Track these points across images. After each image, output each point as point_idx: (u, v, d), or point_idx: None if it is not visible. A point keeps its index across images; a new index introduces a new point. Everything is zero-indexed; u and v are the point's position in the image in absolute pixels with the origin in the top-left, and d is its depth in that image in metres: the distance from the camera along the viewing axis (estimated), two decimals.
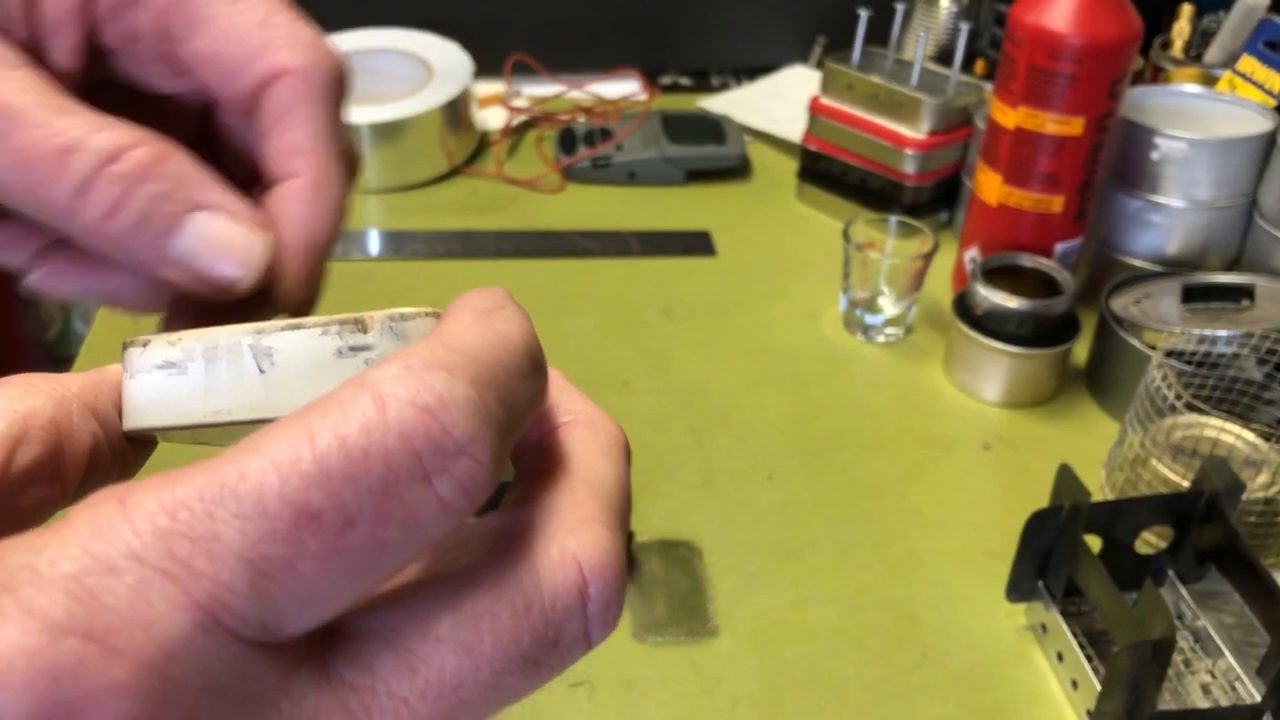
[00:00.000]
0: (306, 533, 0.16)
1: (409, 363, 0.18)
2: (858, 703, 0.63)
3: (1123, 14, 0.81)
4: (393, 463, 0.17)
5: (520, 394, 0.19)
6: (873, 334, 0.92)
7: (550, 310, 0.94)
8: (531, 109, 1.20)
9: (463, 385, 0.18)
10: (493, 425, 0.18)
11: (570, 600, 0.19)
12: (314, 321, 0.21)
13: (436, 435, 0.17)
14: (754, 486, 0.77)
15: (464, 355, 0.18)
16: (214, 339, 0.21)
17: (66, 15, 0.25)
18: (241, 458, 0.17)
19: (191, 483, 0.16)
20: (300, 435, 0.17)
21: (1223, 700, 0.63)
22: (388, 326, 0.21)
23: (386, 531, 0.17)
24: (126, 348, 0.22)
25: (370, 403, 0.17)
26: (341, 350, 0.21)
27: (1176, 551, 0.67)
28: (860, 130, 1.02)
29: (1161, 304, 0.83)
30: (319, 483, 0.17)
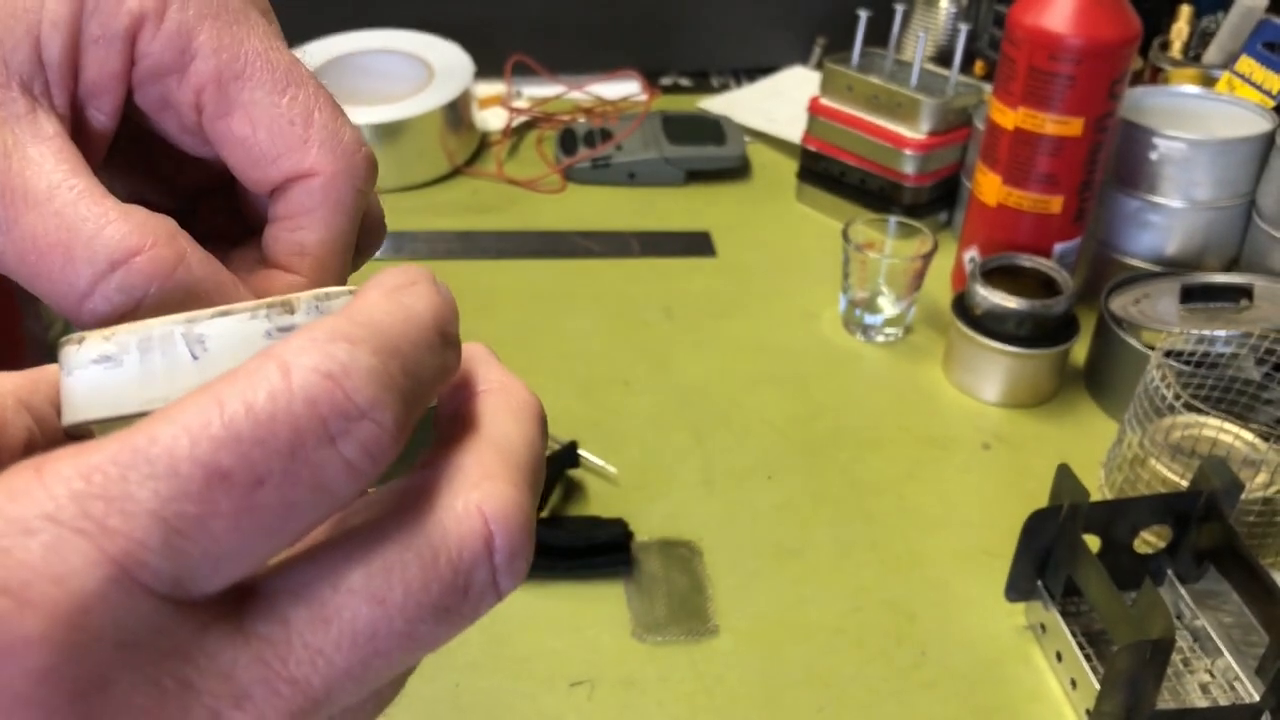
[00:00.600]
0: (218, 492, 0.17)
1: (314, 335, 0.19)
2: (857, 702, 0.63)
3: (1122, 15, 0.81)
4: (299, 426, 0.18)
5: (426, 365, 0.20)
6: (872, 334, 0.92)
7: (550, 310, 0.94)
8: (532, 110, 1.20)
9: (365, 354, 0.19)
10: (394, 392, 0.19)
11: (476, 550, 0.20)
12: (243, 306, 0.22)
13: (340, 400, 0.18)
14: (754, 486, 0.77)
15: (367, 328, 0.19)
16: (147, 330, 0.22)
17: (109, 81, 0.25)
18: (153, 425, 0.17)
19: (105, 449, 0.17)
20: (209, 402, 0.18)
21: (1221, 699, 0.63)
22: (313, 306, 0.22)
23: (295, 491, 0.18)
24: (62, 346, 0.22)
25: (276, 371, 0.18)
26: (270, 332, 0.22)
27: (1175, 551, 0.67)
28: (860, 131, 1.03)
29: (1160, 304, 0.83)
30: (228, 445, 0.17)
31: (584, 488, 0.76)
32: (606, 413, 0.83)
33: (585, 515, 0.72)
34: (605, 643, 0.66)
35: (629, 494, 0.76)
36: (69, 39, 0.24)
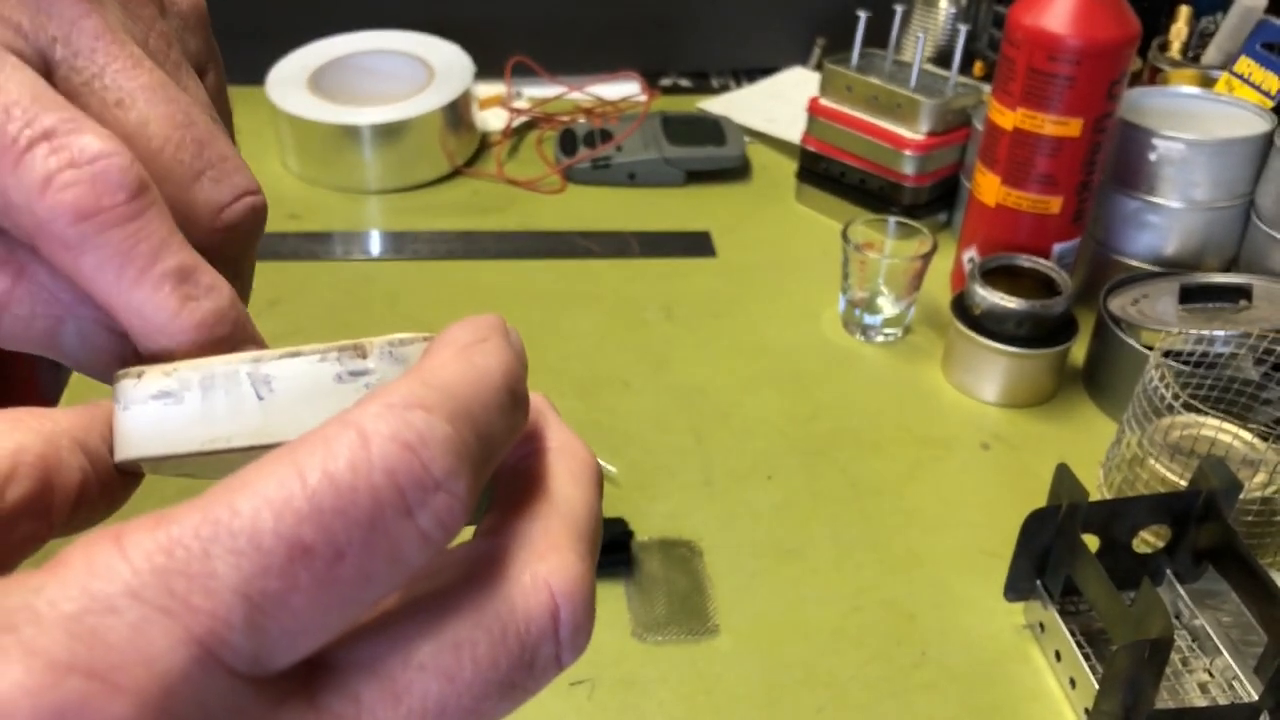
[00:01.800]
0: (299, 566, 0.17)
1: (390, 400, 0.18)
2: (857, 701, 0.64)
3: (1121, 15, 0.81)
4: (379, 498, 0.17)
5: (497, 427, 0.20)
6: (872, 334, 0.92)
7: (550, 310, 0.94)
8: (532, 110, 1.20)
9: (440, 422, 0.18)
10: (468, 460, 0.19)
11: (543, 624, 0.20)
12: (312, 348, 0.21)
13: (418, 471, 0.18)
14: (754, 486, 0.78)
15: (442, 391, 0.19)
16: (210, 368, 0.21)
17: None
18: (232, 495, 0.17)
19: (186, 520, 0.17)
20: (290, 472, 0.17)
21: (1220, 699, 0.63)
22: (386, 351, 0.21)
23: (373, 563, 0.18)
24: (119, 380, 0.22)
25: (355, 439, 0.18)
26: (341, 375, 0.21)
27: (1174, 551, 0.67)
28: (859, 131, 1.03)
29: (1159, 304, 0.83)
30: (311, 518, 0.17)
31: None
32: (606, 413, 0.83)
33: None
34: (605, 642, 0.66)
35: (629, 494, 0.76)
36: None
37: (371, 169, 1.08)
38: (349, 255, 1.00)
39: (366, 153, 1.07)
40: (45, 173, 0.22)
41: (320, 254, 1.00)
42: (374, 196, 1.09)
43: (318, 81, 1.11)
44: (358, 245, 1.01)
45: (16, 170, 0.22)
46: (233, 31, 1.44)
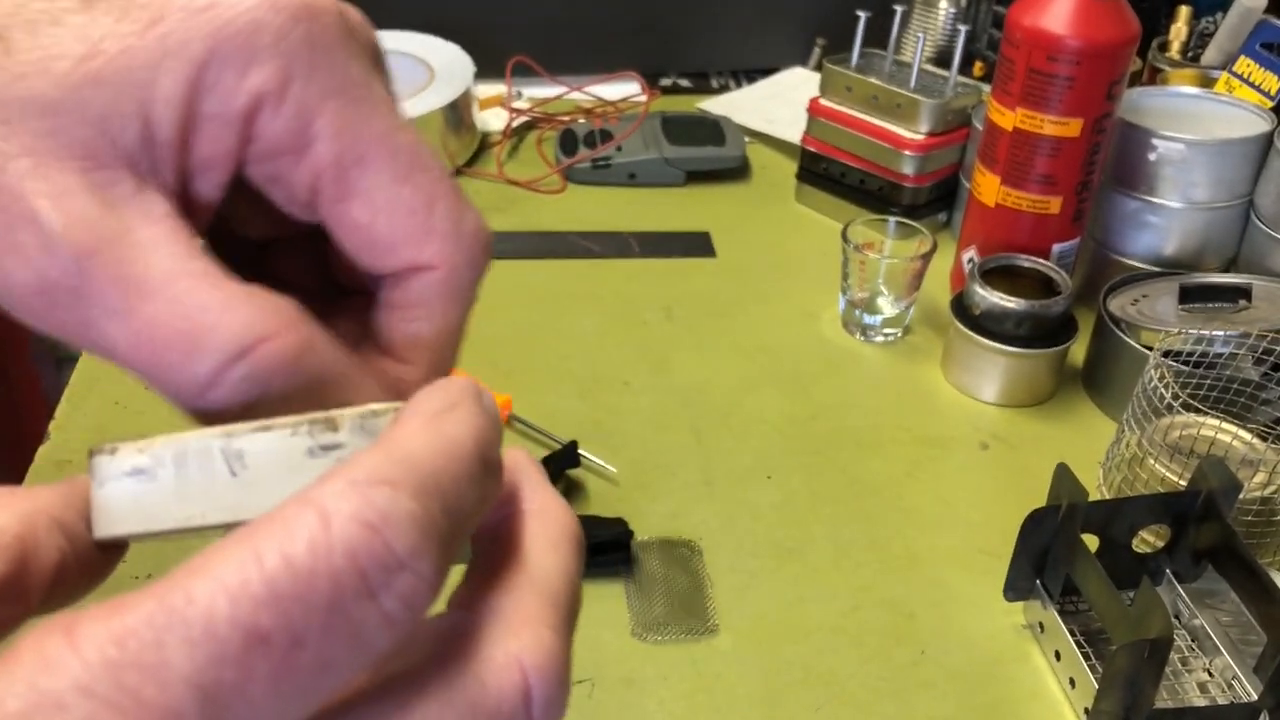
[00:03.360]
0: (256, 655, 0.16)
1: (353, 476, 0.18)
2: (856, 700, 0.64)
3: (1120, 16, 0.81)
4: (339, 581, 0.17)
5: (467, 499, 0.19)
6: (871, 334, 0.92)
7: (551, 310, 0.94)
8: (532, 110, 1.20)
9: (405, 499, 0.18)
10: (434, 538, 0.18)
11: (515, 703, 0.19)
12: (284, 421, 0.21)
13: (380, 552, 0.17)
14: (753, 486, 0.78)
15: (407, 465, 0.18)
16: (183, 444, 0.21)
17: (221, 158, 0.23)
18: (189, 580, 0.17)
19: (139, 609, 0.16)
20: (248, 555, 0.17)
21: (1220, 698, 0.63)
22: (358, 424, 0.21)
23: (333, 650, 0.17)
24: (93, 455, 0.21)
25: (315, 519, 0.17)
26: (313, 450, 0.21)
27: (1173, 550, 0.67)
28: (859, 131, 1.03)
29: (1159, 304, 0.84)
30: (268, 604, 0.16)
31: (584, 487, 0.76)
32: (606, 413, 0.83)
33: (585, 515, 0.72)
34: (605, 642, 0.66)
35: (629, 494, 0.76)
36: (182, 116, 0.22)
37: None
38: None
39: None
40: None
41: None
42: None
43: None
44: None
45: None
46: None
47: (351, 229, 0.24)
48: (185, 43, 0.22)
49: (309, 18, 0.23)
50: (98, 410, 0.81)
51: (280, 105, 0.22)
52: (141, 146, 0.22)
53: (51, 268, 0.21)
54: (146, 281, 0.21)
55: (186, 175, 0.23)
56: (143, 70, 0.22)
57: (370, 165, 0.23)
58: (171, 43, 0.22)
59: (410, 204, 0.24)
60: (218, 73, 0.22)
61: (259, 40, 0.22)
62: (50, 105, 0.21)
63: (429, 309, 0.25)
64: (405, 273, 0.24)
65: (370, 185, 0.23)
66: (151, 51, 0.22)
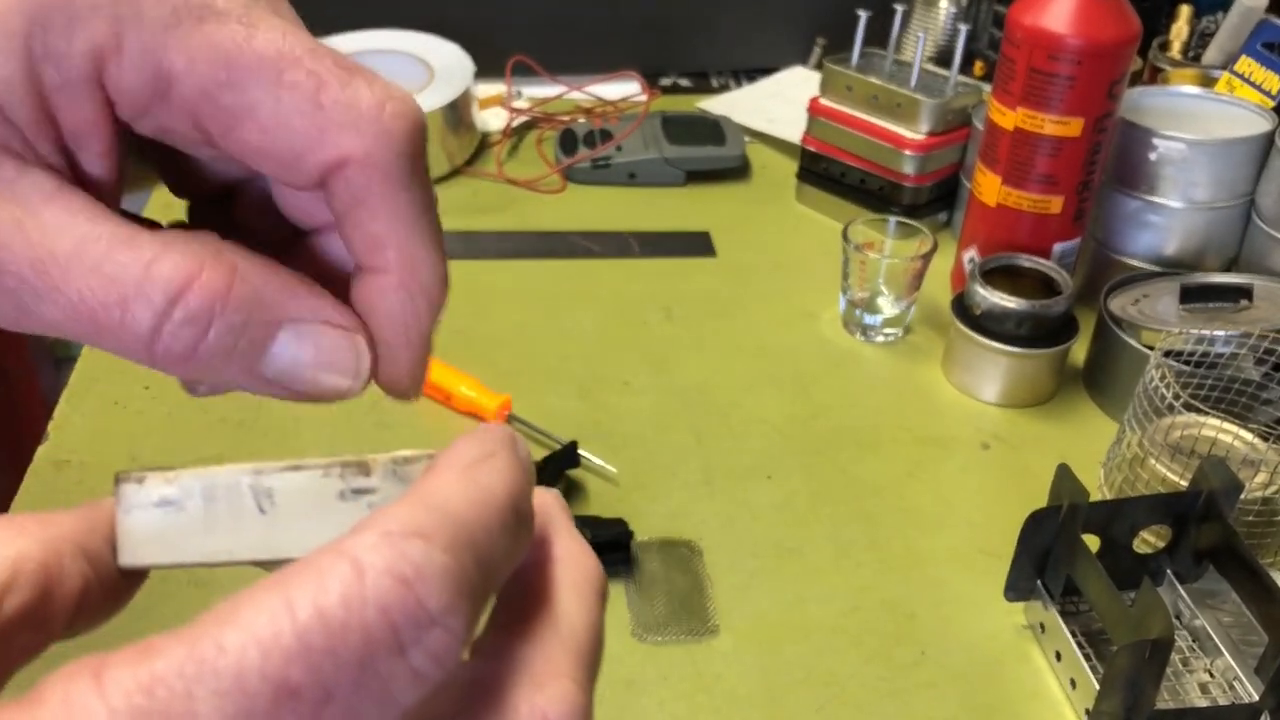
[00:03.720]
0: (285, 709, 0.16)
1: (387, 527, 0.18)
2: (857, 701, 0.63)
3: (1121, 15, 0.81)
4: (371, 636, 0.17)
5: (499, 551, 0.19)
6: (872, 334, 0.92)
7: (551, 310, 0.94)
8: (532, 110, 1.20)
9: (439, 553, 0.18)
10: (467, 593, 0.18)
11: None
12: (315, 462, 0.21)
13: (412, 608, 0.17)
14: (753, 486, 0.78)
15: (442, 517, 0.18)
16: (212, 478, 0.21)
17: (90, 127, 0.22)
18: (220, 630, 0.16)
19: (169, 656, 0.16)
20: (280, 606, 0.17)
21: (1221, 699, 0.63)
22: (390, 470, 0.21)
23: (362, 704, 0.17)
24: (120, 483, 0.21)
25: (349, 571, 0.17)
26: (344, 493, 0.21)
27: (1174, 551, 0.67)
28: (859, 131, 1.03)
29: (1160, 304, 0.83)
30: (299, 658, 0.16)
31: (584, 488, 0.76)
32: (606, 413, 0.83)
33: (585, 515, 0.72)
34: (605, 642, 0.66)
35: (629, 494, 0.76)
36: (28, 93, 0.21)
37: None
38: None
39: None
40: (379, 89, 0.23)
41: None
42: None
43: None
44: None
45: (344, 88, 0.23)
46: None
47: (255, 154, 0.23)
48: (4, 18, 0.21)
49: None
50: (97, 410, 0.81)
51: (120, 56, 0.22)
52: (6, 131, 0.22)
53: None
54: (61, 257, 0.21)
55: (67, 150, 0.23)
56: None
57: (238, 83, 0.22)
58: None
59: (295, 105, 0.22)
60: (44, 41, 0.21)
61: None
62: None
63: (367, 206, 0.24)
64: (329, 178, 0.23)
65: (247, 103, 0.22)
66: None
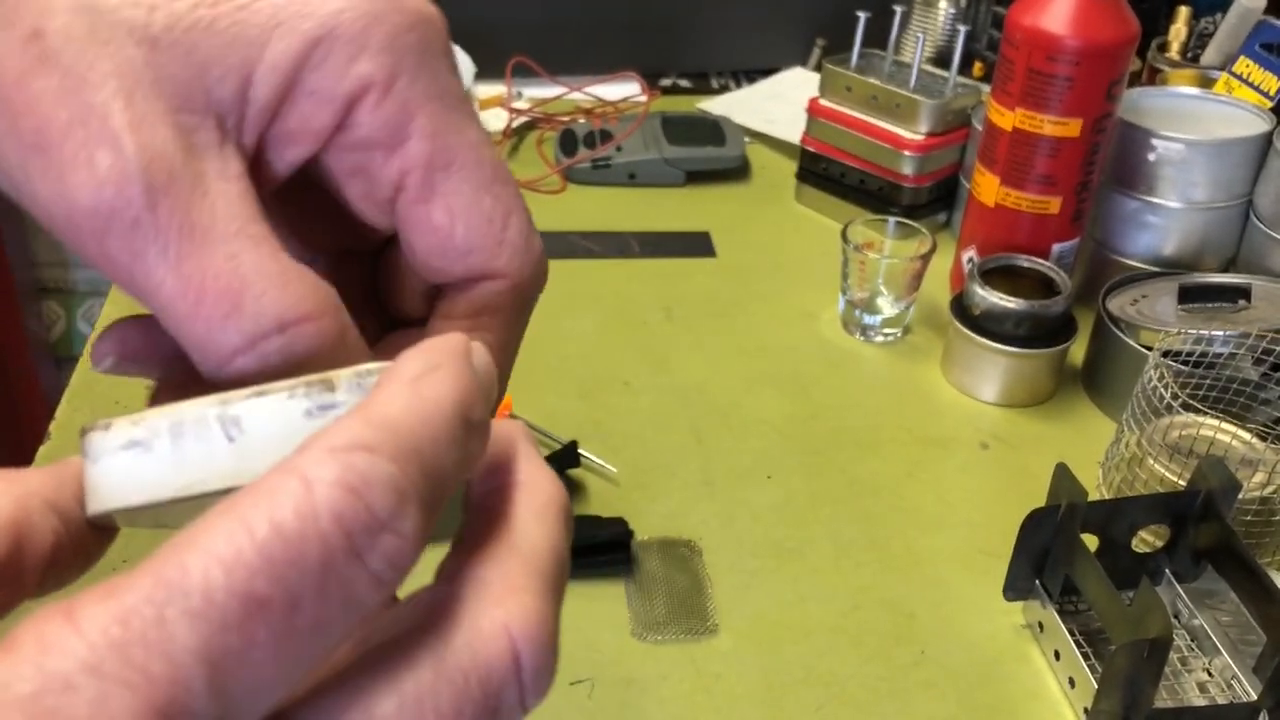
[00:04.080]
0: (256, 621, 0.17)
1: (332, 443, 0.18)
2: (856, 700, 0.64)
3: (1120, 16, 0.81)
4: (328, 543, 0.17)
5: (447, 460, 0.20)
6: (871, 334, 0.92)
7: (551, 310, 0.94)
8: (532, 110, 1.20)
9: (384, 462, 0.18)
10: (414, 499, 0.18)
11: (504, 670, 0.20)
12: (280, 385, 0.21)
13: (363, 515, 0.18)
14: (753, 486, 0.78)
15: (385, 428, 0.19)
16: (178, 414, 0.21)
17: (307, 135, 0.23)
18: (181, 555, 0.17)
19: (138, 587, 0.16)
20: (237, 526, 0.17)
21: (1219, 698, 0.63)
22: (355, 383, 0.21)
23: (328, 610, 0.17)
24: (86, 433, 0.21)
25: (299, 486, 0.17)
26: (310, 410, 0.21)
27: (1173, 550, 0.67)
28: (859, 132, 1.03)
29: (1158, 304, 0.84)
30: (263, 570, 0.17)
31: (584, 487, 0.76)
32: (606, 413, 0.83)
33: (585, 515, 0.72)
34: (605, 641, 0.66)
35: (629, 493, 0.76)
36: (282, 83, 0.23)
37: None
38: None
39: None
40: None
41: None
42: None
43: None
44: None
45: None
46: None
47: (428, 230, 0.25)
48: (302, 16, 0.23)
49: (424, 23, 0.24)
50: (97, 410, 0.81)
51: (384, 98, 0.23)
52: (234, 102, 0.22)
53: (119, 193, 0.21)
54: (209, 231, 0.21)
55: (266, 143, 0.23)
56: (256, 30, 0.22)
57: (457, 170, 0.24)
58: (287, 14, 0.22)
59: (489, 213, 0.25)
60: (326, 53, 0.23)
61: (373, 33, 0.23)
62: (155, 38, 0.22)
63: (495, 318, 0.26)
64: (472, 282, 0.25)
65: (454, 189, 0.24)
66: (267, 17, 0.22)
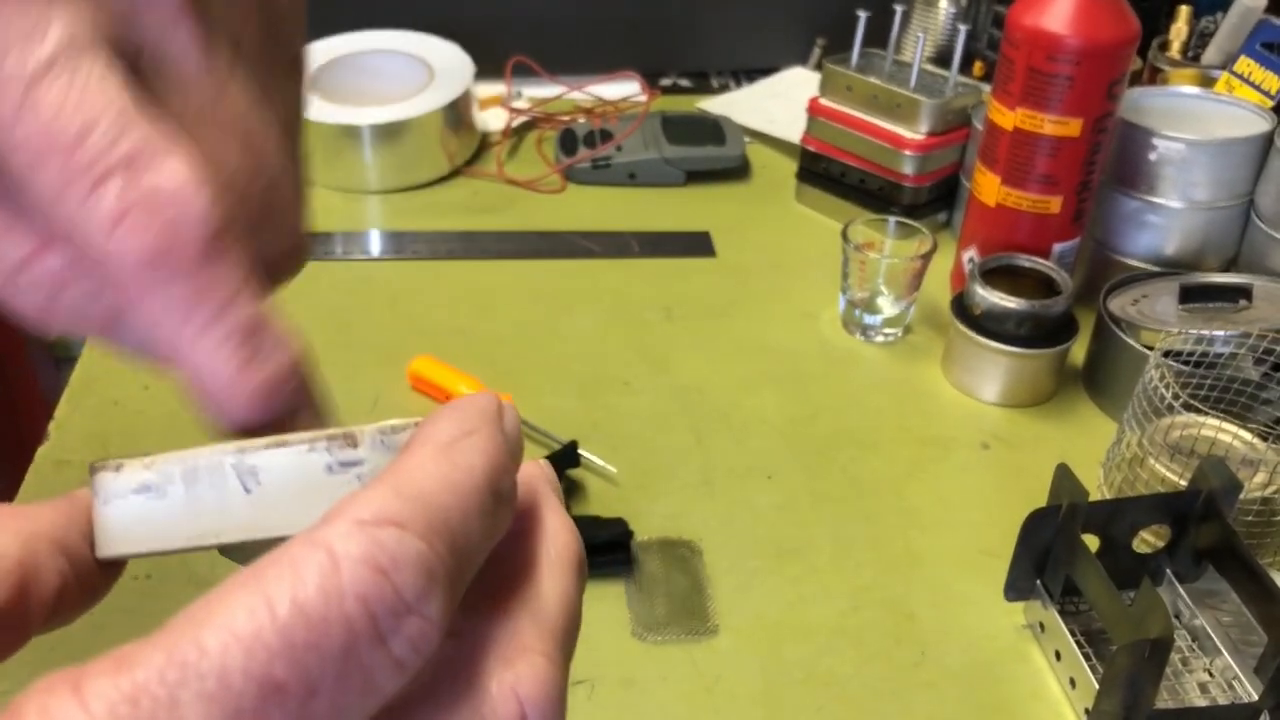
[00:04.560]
0: (271, 706, 0.16)
1: (360, 515, 0.18)
2: (857, 701, 0.64)
3: (1120, 15, 0.81)
4: (352, 628, 0.17)
5: (476, 534, 0.19)
6: (871, 334, 0.92)
7: (551, 310, 0.94)
8: (532, 110, 1.20)
9: (413, 540, 0.18)
10: (443, 580, 0.18)
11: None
12: (300, 438, 0.20)
13: (389, 597, 0.17)
14: (753, 486, 0.78)
15: (416, 501, 0.18)
16: (193, 460, 0.20)
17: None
18: (199, 631, 0.16)
19: (149, 663, 0.16)
20: (258, 602, 0.16)
21: (1220, 698, 0.63)
22: (378, 440, 0.21)
23: (346, 696, 0.17)
24: (95, 472, 0.21)
25: (325, 562, 0.17)
26: (331, 466, 0.20)
27: (1174, 550, 0.67)
28: (859, 131, 1.03)
29: (1159, 304, 0.84)
30: (283, 653, 0.16)
31: (584, 487, 0.76)
32: (606, 413, 0.83)
33: (585, 515, 0.72)
34: (605, 642, 0.66)
35: (629, 494, 0.76)
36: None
37: (372, 169, 1.08)
38: (349, 255, 1.00)
39: (367, 153, 1.07)
40: (117, 210, 0.20)
41: (321, 254, 1.00)
42: (374, 196, 1.08)
43: (318, 81, 1.11)
44: (358, 245, 1.02)
45: (86, 202, 0.20)
46: None
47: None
48: None
49: None
50: (97, 410, 0.81)
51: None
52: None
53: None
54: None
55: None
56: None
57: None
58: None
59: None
60: None
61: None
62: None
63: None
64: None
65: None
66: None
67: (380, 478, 0.19)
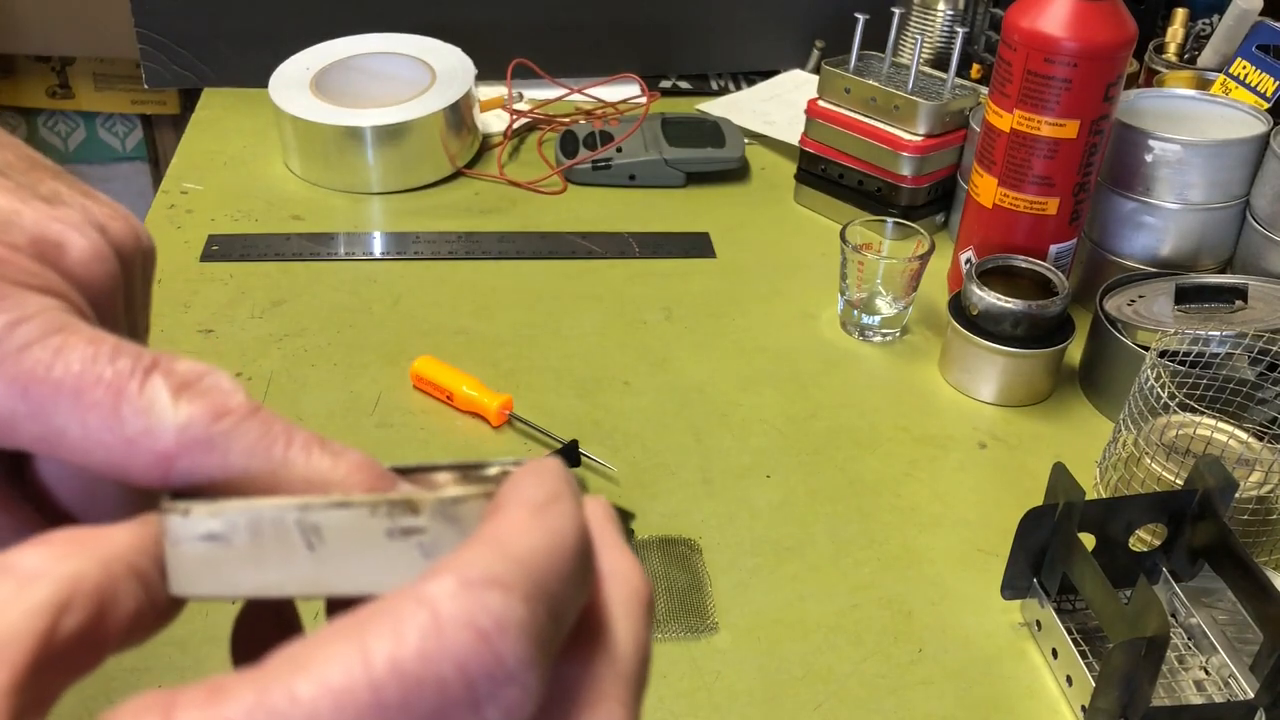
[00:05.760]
0: None
1: (467, 575, 0.17)
2: (855, 698, 0.64)
3: (1117, 18, 0.82)
4: (446, 693, 0.16)
5: (569, 599, 0.19)
6: (869, 334, 0.93)
7: (551, 311, 0.95)
8: (533, 112, 1.21)
9: (517, 603, 0.17)
10: (542, 646, 0.18)
11: None
12: (361, 500, 0.21)
13: (490, 665, 0.17)
14: (752, 485, 0.78)
15: (519, 565, 0.18)
16: (257, 512, 0.21)
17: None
18: (292, 678, 0.16)
19: (240, 700, 0.16)
20: (355, 655, 0.16)
21: (1216, 696, 0.63)
22: (439, 511, 0.21)
23: None
24: (165, 514, 0.22)
25: (428, 621, 0.17)
26: (392, 532, 0.21)
27: (1170, 549, 0.67)
28: (857, 133, 1.03)
29: (1155, 305, 0.84)
30: (373, 713, 0.16)
31: (585, 487, 0.77)
32: (607, 412, 0.84)
33: None
34: None
35: (629, 492, 0.76)
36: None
37: (374, 170, 1.08)
38: (351, 255, 1.01)
39: (369, 154, 1.07)
40: (174, 387, 0.22)
41: (323, 254, 1.00)
42: (376, 197, 1.09)
43: (320, 84, 1.11)
44: (360, 246, 1.02)
45: (142, 393, 0.22)
46: (237, 35, 1.44)
47: (84, 465, 0.23)
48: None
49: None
50: None
51: None
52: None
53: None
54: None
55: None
56: None
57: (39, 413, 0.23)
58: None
59: (101, 424, 0.23)
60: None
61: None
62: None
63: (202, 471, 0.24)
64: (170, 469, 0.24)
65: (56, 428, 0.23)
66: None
67: (481, 536, 0.19)
